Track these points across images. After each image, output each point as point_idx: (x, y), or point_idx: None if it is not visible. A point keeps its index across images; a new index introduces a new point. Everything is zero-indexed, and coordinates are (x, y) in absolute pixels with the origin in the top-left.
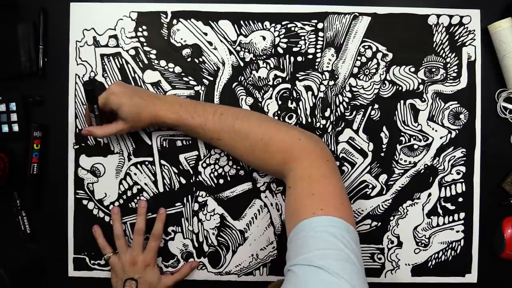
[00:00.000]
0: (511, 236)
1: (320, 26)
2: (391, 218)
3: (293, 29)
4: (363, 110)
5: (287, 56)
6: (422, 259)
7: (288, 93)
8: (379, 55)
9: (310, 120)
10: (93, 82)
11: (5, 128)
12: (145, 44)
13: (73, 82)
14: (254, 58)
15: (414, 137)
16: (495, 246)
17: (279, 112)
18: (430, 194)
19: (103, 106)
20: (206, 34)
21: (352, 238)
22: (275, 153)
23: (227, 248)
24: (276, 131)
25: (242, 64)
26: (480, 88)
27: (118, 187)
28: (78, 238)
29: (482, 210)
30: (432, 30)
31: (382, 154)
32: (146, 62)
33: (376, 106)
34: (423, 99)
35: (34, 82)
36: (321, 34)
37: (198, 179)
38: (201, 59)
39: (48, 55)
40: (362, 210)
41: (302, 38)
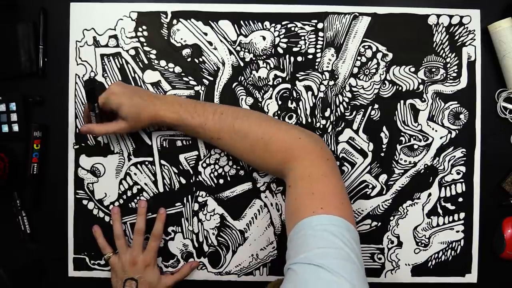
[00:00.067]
0: (511, 236)
1: (320, 26)
2: (391, 218)
3: (293, 29)
4: (363, 110)
5: (287, 56)
6: (422, 259)
7: (288, 93)
8: (379, 55)
9: (310, 120)
10: (93, 82)
11: (5, 128)
12: (145, 44)
13: (73, 82)
14: (254, 58)
15: (414, 137)
16: (495, 246)
17: (279, 112)
18: (430, 194)
19: (103, 106)
20: (206, 34)
21: (352, 237)
22: (275, 152)
23: (227, 248)
24: (276, 130)
25: (242, 64)
26: (480, 88)
27: (118, 187)
28: (78, 238)
29: (482, 210)
30: (432, 30)
31: (382, 154)
32: (146, 62)
33: (376, 106)
34: (423, 99)
35: (34, 82)
36: (321, 34)
37: (198, 179)
38: (201, 59)
39: (48, 55)
40: (362, 210)
41: (302, 38)
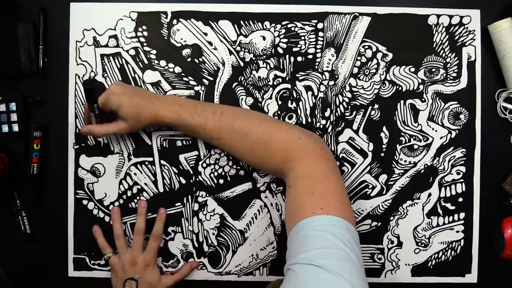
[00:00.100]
0: (511, 236)
1: (320, 26)
2: (391, 218)
3: (293, 29)
4: (363, 110)
5: (287, 56)
6: (422, 259)
7: (288, 93)
8: (379, 55)
9: (310, 120)
10: (93, 82)
11: (5, 128)
12: (145, 44)
13: (73, 82)
14: (254, 58)
15: (414, 137)
16: (495, 246)
17: (279, 112)
18: (430, 194)
19: (103, 106)
20: (206, 34)
21: (352, 237)
22: (275, 152)
23: (227, 248)
24: (276, 130)
25: (242, 64)
26: (480, 88)
27: (118, 187)
28: (78, 238)
29: (482, 210)
30: (432, 30)
31: (382, 154)
32: (146, 62)
33: (376, 106)
34: (423, 99)
35: (34, 82)
36: (321, 34)
37: (198, 179)
38: (201, 59)
39: (48, 55)
40: (362, 210)
41: (302, 38)
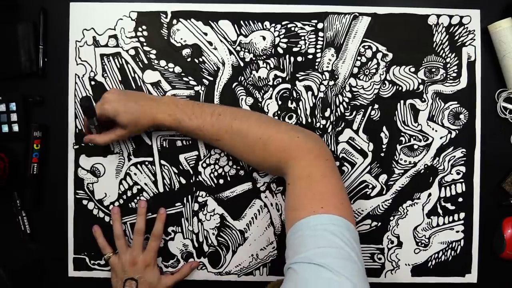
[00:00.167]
0: (511, 236)
1: (320, 26)
2: (391, 218)
3: (293, 29)
4: (363, 110)
5: (287, 56)
6: (422, 259)
7: (288, 93)
8: (379, 55)
9: (310, 120)
10: (88, 99)
11: (5, 128)
12: (145, 44)
13: (73, 82)
14: (254, 58)
15: (414, 137)
16: (495, 246)
17: (279, 112)
18: (430, 194)
19: (100, 117)
20: (206, 34)
21: (352, 236)
22: (274, 151)
23: (227, 248)
24: (274, 131)
25: (242, 64)
26: (480, 88)
27: (118, 187)
28: (78, 238)
29: (482, 210)
30: (432, 30)
31: (382, 154)
32: (146, 62)
33: (376, 106)
34: (423, 99)
35: (34, 82)
36: (321, 34)
37: (198, 179)
38: (201, 59)
39: (48, 55)
40: (362, 210)
41: (302, 38)
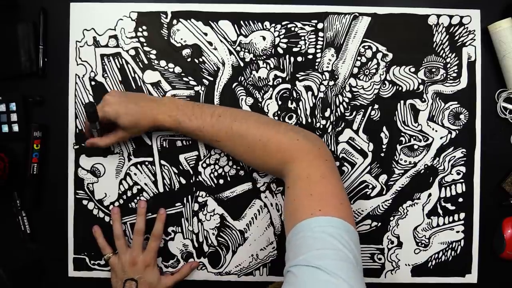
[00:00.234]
0: (511, 236)
1: (320, 26)
2: (391, 218)
3: (293, 29)
4: (363, 110)
5: (287, 56)
6: (422, 260)
7: (288, 93)
8: (379, 55)
9: (310, 120)
10: (93, 105)
11: (5, 128)
12: (145, 44)
13: (73, 82)
14: (254, 58)
15: (414, 137)
16: (495, 246)
17: (279, 112)
18: (430, 195)
19: (101, 119)
20: (206, 34)
21: (351, 238)
22: (274, 153)
23: (227, 248)
24: (274, 132)
25: (242, 64)
26: (480, 88)
27: (118, 187)
28: (78, 238)
29: (482, 210)
30: (432, 30)
31: (382, 154)
32: (146, 62)
33: (376, 106)
34: (423, 99)
35: (34, 82)
36: (321, 34)
37: (198, 179)
38: (201, 59)
39: (48, 55)
40: (362, 211)
41: (302, 38)
